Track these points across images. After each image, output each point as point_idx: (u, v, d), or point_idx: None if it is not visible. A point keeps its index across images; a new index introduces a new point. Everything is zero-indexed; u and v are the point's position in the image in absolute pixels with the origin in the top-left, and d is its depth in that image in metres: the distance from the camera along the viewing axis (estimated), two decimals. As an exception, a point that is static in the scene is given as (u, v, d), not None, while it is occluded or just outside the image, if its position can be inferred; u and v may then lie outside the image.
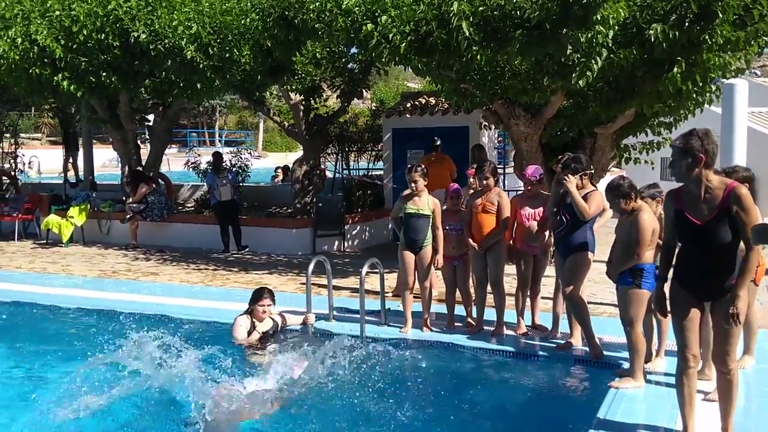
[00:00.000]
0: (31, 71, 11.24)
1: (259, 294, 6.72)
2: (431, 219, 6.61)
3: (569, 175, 5.73)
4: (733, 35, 7.18)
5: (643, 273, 5.04)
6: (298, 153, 17.19)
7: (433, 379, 5.88)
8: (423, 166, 6.92)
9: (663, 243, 4.31)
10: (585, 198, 5.73)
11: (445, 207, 6.93)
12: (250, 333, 6.55)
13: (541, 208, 6.40)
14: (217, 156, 12.62)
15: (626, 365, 5.38)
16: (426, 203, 6.62)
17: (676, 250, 4.18)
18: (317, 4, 8.48)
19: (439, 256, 6.64)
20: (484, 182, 6.54)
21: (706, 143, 3.84)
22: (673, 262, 4.22)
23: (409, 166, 7.50)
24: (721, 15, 6.99)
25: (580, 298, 5.81)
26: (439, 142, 11.08)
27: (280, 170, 18.22)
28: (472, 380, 5.77)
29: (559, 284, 6.31)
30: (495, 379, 5.80)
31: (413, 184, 6.64)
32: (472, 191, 7.29)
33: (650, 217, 5.07)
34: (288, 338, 6.76)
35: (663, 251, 4.29)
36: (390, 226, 7.71)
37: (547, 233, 6.39)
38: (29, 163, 20.90)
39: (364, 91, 13.61)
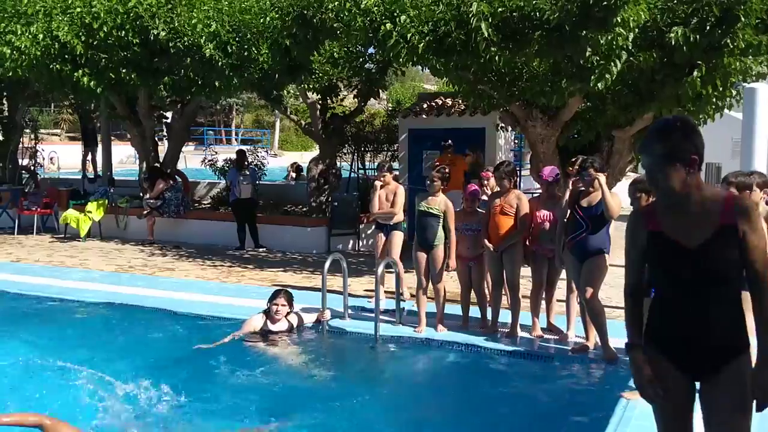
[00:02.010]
0: (51, 67, 11.35)
1: (275, 294, 6.73)
2: (442, 219, 6.61)
3: (593, 170, 5.68)
4: (755, 39, 7.12)
5: None
6: (314, 152, 17.24)
7: (446, 380, 5.89)
8: (447, 169, 6.97)
9: (626, 290, 2.90)
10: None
11: (461, 207, 6.93)
12: (264, 331, 6.54)
13: (555, 210, 6.37)
14: (241, 153, 12.72)
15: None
16: (438, 203, 6.63)
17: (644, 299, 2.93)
18: (336, 3, 8.49)
19: (451, 260, 6.62)
20: (499, 183, 6.53)
21: (694, 138, 2.70)
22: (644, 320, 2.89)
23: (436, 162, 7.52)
24: (743, 19, 6.93)
25: (599, 303, 5.78)
26: (450, 143, 11.05)
27: (290, 168, 18.28)
28: (485, 381, 5.76)
29: (572, 286, 6.29)
30: (508, 380, 5.77)
31: (429, 182, 6.69)
32: (490, 192, 7.29)
33: None
34: (300, 335, 6.77)
35: (628, 303, 2.89)
36: (404, 226, 7.71)
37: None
38: (51, 159, 21.13)
39: (380, 91, 13.63)
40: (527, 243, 6.56)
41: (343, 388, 5.49)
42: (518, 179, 12.59)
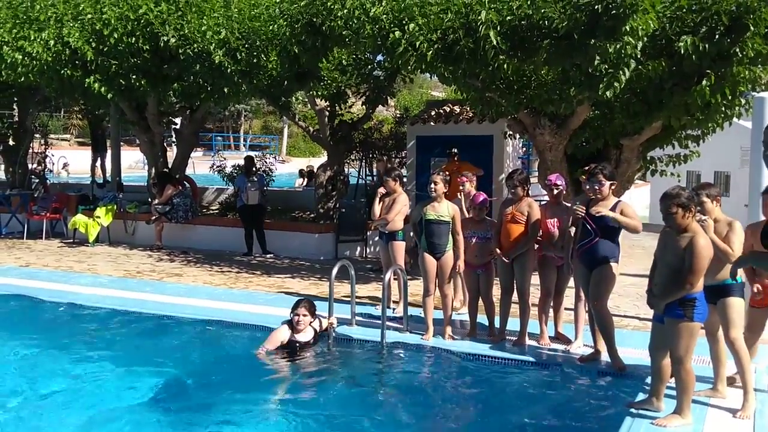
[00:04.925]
0: (62, 72, 11.44)
1: (296, 304, 6.63)
2: (451, 224, 6.62)
3: (604, 180, 5.68)
4: (764, 48, 7.09)
5: (694, 303, 4.49)
6: (322, 158, 17.25)
7: (453, 388, 5.87)
8: (447, 172, 6.97)
9: None
10: (614, 210, 5.67)
11: (469, 215, 6.93)
12: (289, 342, 6.44)
13: (563, 217, 6.36)
14: (249, 160, 12.76)
15: (648, 379, 5.32)
16: (446, 209, 6.62)
17: None
18: (345, 11, 8.52)
19: (461, 261, 6.62)
20: (513, 191, 6.50)
21: None
22: None
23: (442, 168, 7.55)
24: (752, 28, 6.92)
25: (607, 312, 5.76)
26: (455, 151, 11.03)
27: (302, 172, 18.30)
28: (491, 390, 5.75)
29: (580, 295, 6.27)
30: (515, 389, 5.76)
31: (432, 186, 6.64)
32: (462, 198, 7.36)
33: (707, 243, 4.47)
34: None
35: None
36: (402, 234, 7.64)
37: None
38: (64, 166, 21.24)
39: (388, 98, 13.65)
40: (540, 251, 6.53)
41: (347, 397, 5.49)
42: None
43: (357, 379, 5.98)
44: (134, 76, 11.47)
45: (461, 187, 7.74)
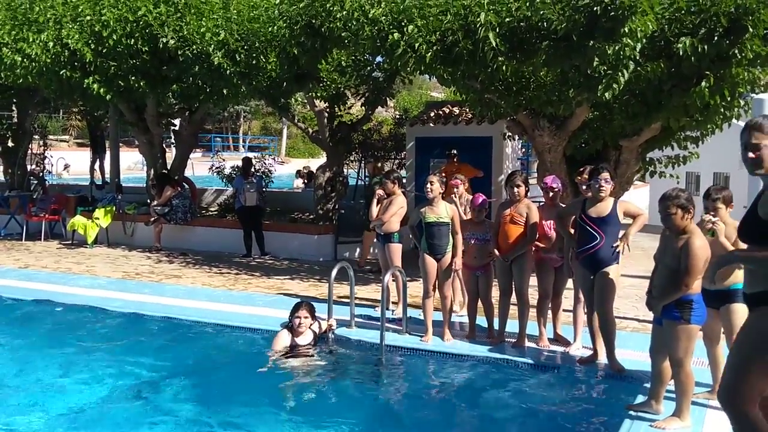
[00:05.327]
0: (61, 74, 11.44)
1: (296, 307, 6.61)
2: (451, 225, 6.62)
3: (610, 178, 5.66)
4: (763, 50, 7.10)
5: (692, 305, 4.47)
6: (321, 159, 17.23)
7: (452, 390, 5.87)
8: (445, 173, 6.97)
9: None
10: (614, 209, 5.67)
11: (467, 217, 6.92)
12: (291, 346, 6.41)
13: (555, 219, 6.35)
14: (247, 161, 12.76)
15: (647, 381, 5.33)
16: (445, 210, 6.62)
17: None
18: (344, 12, 8.53)
19: (458, 259, 6.60)
20: (515, 190, 6.46)
21: None
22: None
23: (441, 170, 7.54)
24: (751, 29, 6.93)
25: (612, 316, 5.74)
26: (455, 152, 11.03)
27: (300, 174, 18.29)
28: (491, 392, 5.73)
29: (579, 297, 6.26)
30: (514, 391, 5.75)
31: (429, 186, 6.61)
32: (458, 200, 7.46)
33: (703, 244, 4.44)
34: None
35: None
36: (397, 236, 7.63)
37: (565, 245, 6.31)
38: (65, 167, 21.25)
39: (388, 99, 13.66)
40: (540, 252, 6.53)
41: (346, 399, 5.49)
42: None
43: (356, 381, 5.97)
44: (133, 78, 11.47)
45: (455, 189, 7.74)
